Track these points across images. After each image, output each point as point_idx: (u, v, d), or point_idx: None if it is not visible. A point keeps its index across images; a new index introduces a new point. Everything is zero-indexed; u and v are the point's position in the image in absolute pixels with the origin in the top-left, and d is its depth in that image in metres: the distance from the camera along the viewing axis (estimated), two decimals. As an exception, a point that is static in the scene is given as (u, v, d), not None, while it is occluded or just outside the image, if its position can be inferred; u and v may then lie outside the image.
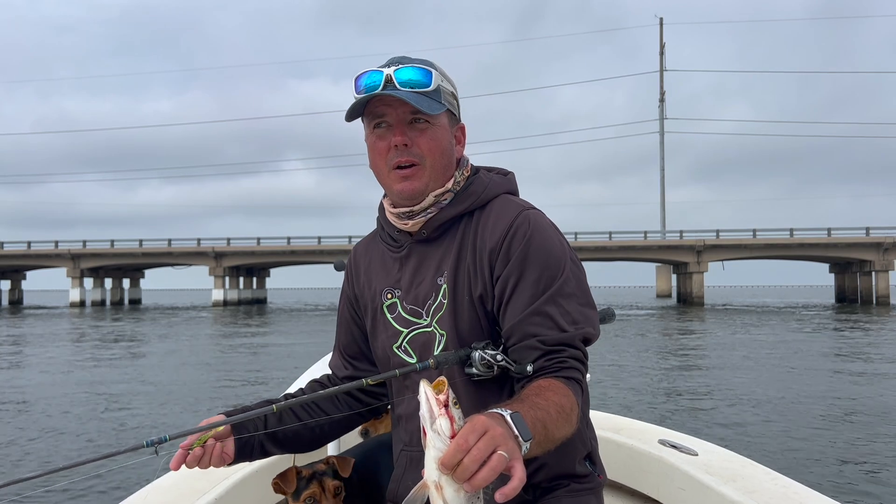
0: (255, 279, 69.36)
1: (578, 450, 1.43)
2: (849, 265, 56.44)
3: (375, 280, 1.56)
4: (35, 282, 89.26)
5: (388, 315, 1.51)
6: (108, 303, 64.63)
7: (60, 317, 40.03)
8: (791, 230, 55.72)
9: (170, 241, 62.17)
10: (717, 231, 56.59)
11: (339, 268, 2.04)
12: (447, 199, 1.46)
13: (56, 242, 62.14)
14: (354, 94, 1.42)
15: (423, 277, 1.47)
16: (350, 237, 58.33)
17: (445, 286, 1.43)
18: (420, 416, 0.98)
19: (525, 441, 1.01)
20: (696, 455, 1.98)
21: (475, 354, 1.37)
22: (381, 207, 1.56)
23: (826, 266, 62.13)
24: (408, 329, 1.48)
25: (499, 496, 0.92)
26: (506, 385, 1.39)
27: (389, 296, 1.52)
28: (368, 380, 1.39)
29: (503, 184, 1.52)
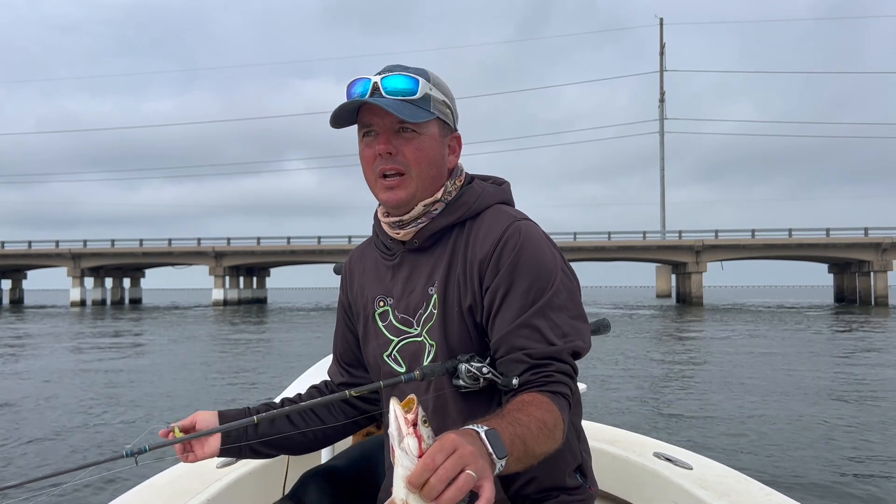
0: (255, 279, 69.43)
1: (568, 462, 1.42)
2: (847, 265, 56.49)
3: (368, 287, 1.56)
4: (36, 281, 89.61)
5: (380, 323, 1.51)
6: (109, 302, 64.67)
7: (61, 316, 40.04)
8: (790, 230, 55.76)
9: (170, 241, 62.27)
10: (716, 231, 56.65)
11: (338, 271, 2.05)
12: (437, 209, 1.45)
13: (57, 242, 62.32)
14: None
15: (415, 287, 1.46)
16: (350, 237, 58.40)
17: (436, 296, 1.42)
18: (388, 435, 0.99)
19: (500, 458, 1.00)
20: (691, 469, 1.99)
21: (461, 367, 1.36)
22: (376, 215, 1.56)
23: (825, 266, 62.18)
24: (398, 338, 1.47)
25: None
26: (495, 396, 1.38)
27: (381, 304, 1.51)
28: (352, 392, 1.40)
29: (497, 194, 1.50)
